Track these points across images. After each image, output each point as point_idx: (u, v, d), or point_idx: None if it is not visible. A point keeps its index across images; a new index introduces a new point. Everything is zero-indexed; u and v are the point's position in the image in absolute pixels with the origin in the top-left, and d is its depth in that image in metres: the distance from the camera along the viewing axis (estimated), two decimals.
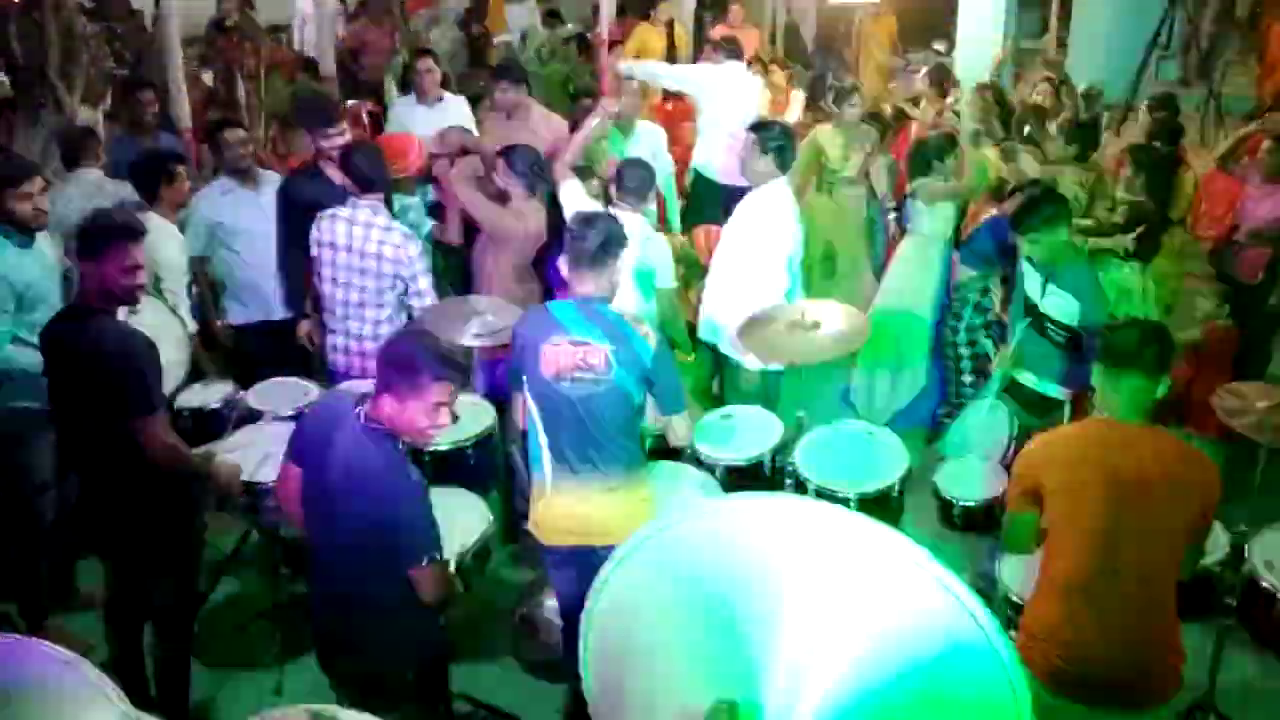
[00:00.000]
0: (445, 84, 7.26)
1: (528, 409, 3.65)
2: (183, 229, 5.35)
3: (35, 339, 3.97)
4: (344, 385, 4.47)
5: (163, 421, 3.70)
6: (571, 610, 3.82)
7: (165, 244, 4.99)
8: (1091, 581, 3.01)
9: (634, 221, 4.67)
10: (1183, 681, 3.12)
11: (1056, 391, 4.62)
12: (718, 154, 7.15)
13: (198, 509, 4.07)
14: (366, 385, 3.33)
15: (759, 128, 5.13)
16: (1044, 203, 4.52)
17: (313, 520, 3.16)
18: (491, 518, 4.01)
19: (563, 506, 3.67)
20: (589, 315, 3.57)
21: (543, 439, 3.65)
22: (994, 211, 5.91)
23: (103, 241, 3.59)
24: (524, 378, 3.63)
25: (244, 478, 3.94)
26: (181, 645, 4.00)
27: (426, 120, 6.66)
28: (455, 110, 6.89)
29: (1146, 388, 3.07)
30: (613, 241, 3.61)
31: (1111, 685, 3.03)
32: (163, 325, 4.39)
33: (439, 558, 3.05)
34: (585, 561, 3.60)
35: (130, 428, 3.59)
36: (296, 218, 5.18)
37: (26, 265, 4.25)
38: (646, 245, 4.81)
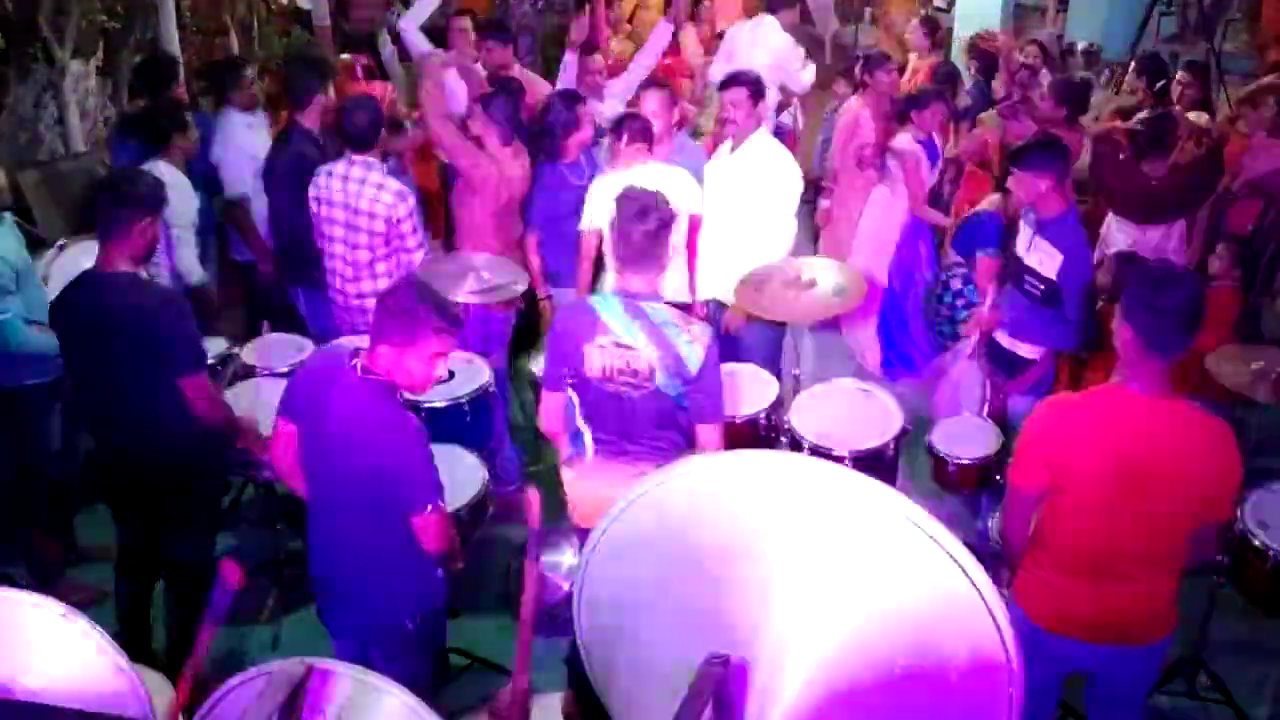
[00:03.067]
0: None
1: (568, 400, 3.55)
2: (215, 173, 5.48)
3: (33, 316, 3.95)
4: (337, 341, 4.47)
5: (207, 378, 3.73)
6: None
7: (177, 195, 4.94)
8: (1095, 561, 2.95)
9: (647, 169, 4.71)
10: (1177, 622, 3.10)
11: (1027, 351, 4.58)
12: None
13: (222, 465, 4.08)
14: (360, 340, 3.32)
15: (729, 83, 5.10)
16: (1044, 147, 4.47)
17: (311, 474, 3.17)
18: (486, 474, 4.02)
19: (600, 490, 3.55)
20: (636, 316, 3.37)
21: (585, 428, 3.56)
22: (995, 199, 5.53)
23: (132, 215, 3.55)
24: (565, 374, 3.51)
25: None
26: (197, 602, 4.00)
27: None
28: None
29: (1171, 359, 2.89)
30: (666, 228, 3.40)
31: (1106, 631, 3.02)
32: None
33: (441, 505, 3.06)
34: None
35: (171, 386, 3.58)
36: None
37: (10, 242, 4.19)
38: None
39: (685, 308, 4.45)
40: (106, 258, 3.60)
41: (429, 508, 3.00)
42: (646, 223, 3.35)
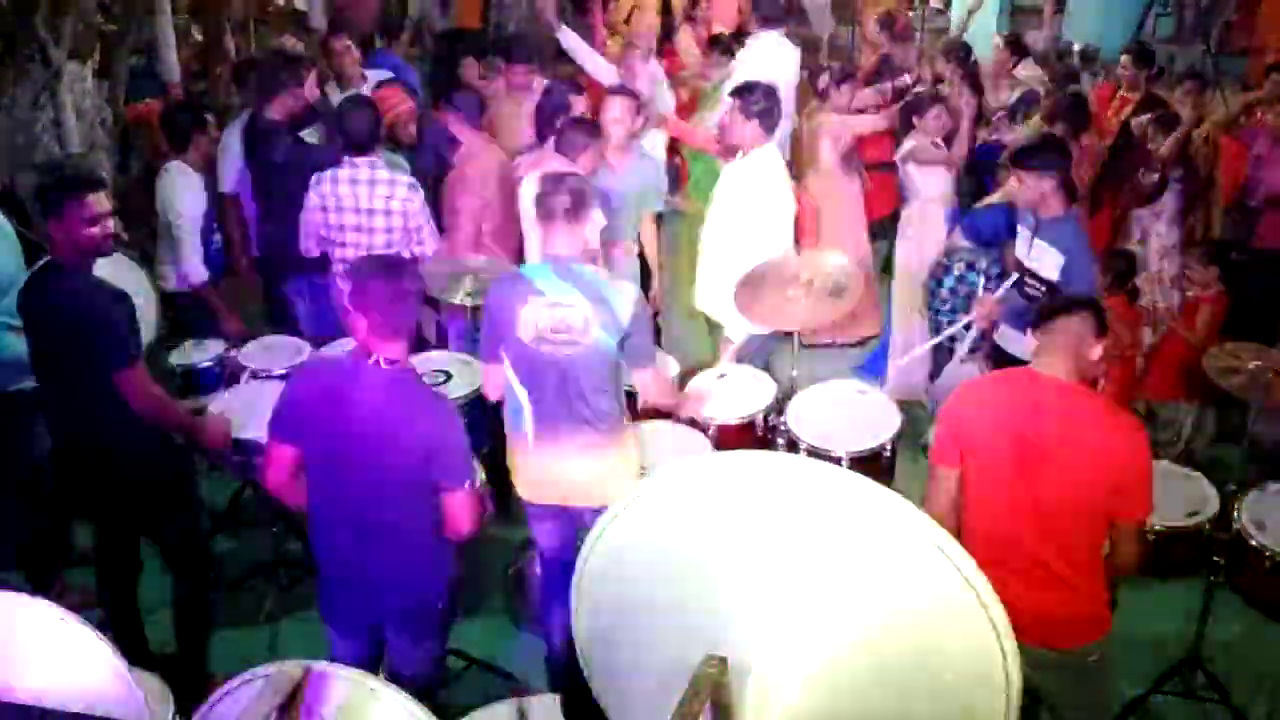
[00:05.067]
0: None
1: (506, 373, 3.65)
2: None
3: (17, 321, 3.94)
4: (328, 348, 4.49)
5: (143, 373, 3.63)
6: (551, 561, 3.89)
7: (183, 194, 5.00)
8: (1001, 542, 2.93)
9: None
10: (1111, 625, 3.08)
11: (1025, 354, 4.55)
12: None
13: (183, 457, 4.02)
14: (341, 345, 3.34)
15: (741, 91, 5.03)
16: (1045, 147, 4.45)
17: (328, 480, 3.17)
18: (484, 476, 4.02)
19: (544, 465, 3.67)
20: (565, 275, 3.52)
21: (524, 399, 3.64)
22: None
23: (62, 197, 3.52)
24: (500, 345, 3.61)
25: (235, 434, 3.95)
26: (198, 591, 4.00)
27: None
28: None
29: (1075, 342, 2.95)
30: (585, 200, 3.57)
31: (1032, 626, 2.98)
32: (125, 280, 4.31)
33: (475, 481, 3.16)
34: (566, 517, 3.67)
35: (113, 381, 3.53)
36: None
37: None
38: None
39: None
40: (51, 250, 3.63)
41: (466, 483, 3.10)
42: (563, 189, 3.55)
